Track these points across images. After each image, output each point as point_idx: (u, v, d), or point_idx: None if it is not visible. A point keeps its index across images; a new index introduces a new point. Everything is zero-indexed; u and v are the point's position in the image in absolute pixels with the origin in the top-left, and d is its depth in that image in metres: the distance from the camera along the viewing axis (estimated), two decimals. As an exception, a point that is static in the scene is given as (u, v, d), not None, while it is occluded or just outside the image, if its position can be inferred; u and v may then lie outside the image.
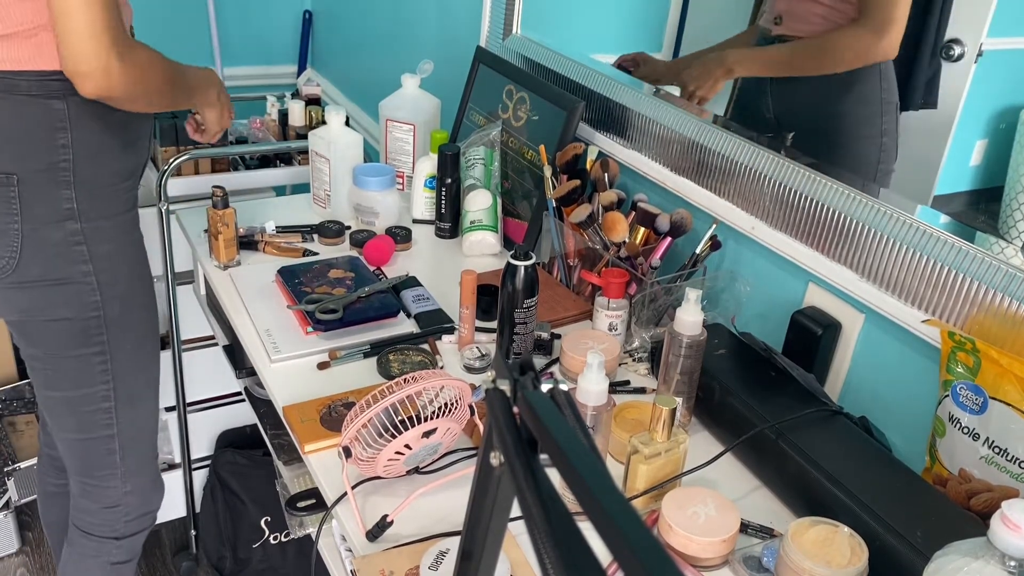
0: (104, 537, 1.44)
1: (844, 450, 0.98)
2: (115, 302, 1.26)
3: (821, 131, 1.25)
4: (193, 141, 1.52)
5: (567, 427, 0.49)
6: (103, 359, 1.29)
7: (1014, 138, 1.06)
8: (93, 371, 1.29)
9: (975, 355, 0.91)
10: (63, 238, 1.20)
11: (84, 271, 1.22)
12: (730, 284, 1.27)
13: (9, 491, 2.04)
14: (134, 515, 1.45)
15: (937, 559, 0.76)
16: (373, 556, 0.93)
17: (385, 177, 1.57)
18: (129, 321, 1.30)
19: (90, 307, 1.24)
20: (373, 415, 0.95)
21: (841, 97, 1.21)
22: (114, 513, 1.43)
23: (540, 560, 0.46)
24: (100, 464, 1.38)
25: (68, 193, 1.18)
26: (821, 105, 1.25)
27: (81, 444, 1.36)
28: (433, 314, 1.34)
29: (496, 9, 1.72)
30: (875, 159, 1.19)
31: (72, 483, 1.43)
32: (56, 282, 1.21)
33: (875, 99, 1.17)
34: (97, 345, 1.27)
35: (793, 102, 1.29)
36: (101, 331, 1.27)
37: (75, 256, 1.21)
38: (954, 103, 1.08)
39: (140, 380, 1.36)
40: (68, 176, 1.17)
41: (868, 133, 1.19)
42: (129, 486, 1.42)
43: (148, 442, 1.44)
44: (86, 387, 1.30)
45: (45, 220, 1.18)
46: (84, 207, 1.20)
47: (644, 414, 1.12)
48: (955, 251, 0.96)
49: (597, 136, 1.50)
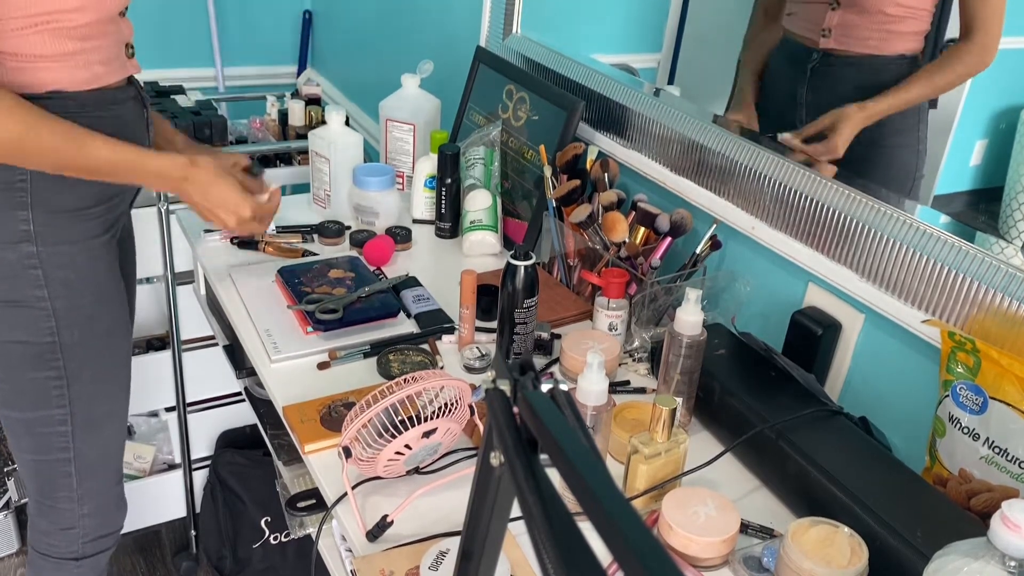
0: (62, 558, 1.39)
1: (844, 450, 0.98)
2: (72, 329, 1.21)
3: (860, 140, 1.19)
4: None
5: (567, 427, 0.49)
6: (59, 383, 1.24)
7: (1014, 138, 1.06)
8: (49, 395, 1.24)
9: (975, 355, 0.91)
10: (17, 260, 1.14)
11: (38, 296, 1.17)
12: (730, 284, 1.27)
13: (9, 491, 2.04)
14: (91, 536, 1.40)
15: (937, 559, 0.76)
16: (373, 556, 0.93)
17: (385, 177, 1.57)
18: (90, 349, 1.24)
19: (44, 332, 1.19)
20: (373, 415, 0.95)
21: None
22: (71, 535, 1.38)
23: (540, 560, 0.46)
24: (56, 486, 1.33)
25: (24, 214, 1.13)
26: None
27: (36, 465, 1.31)
28: (433, 314, 1.34)
29: (496, 9, 1.72)
30: (913, 167, 1.15)
31: (30, 503, 1.38)
32: (9, 303, 1.17)
33: (914, 108, 1.14)
34: (53, 370, 1.22)
35: (833, 106, 1.22)
36: (56, 356, 1.21)
37: (29, 279, 1.16)
38: (954, 103, 1.08)
39: (102, 407, 1.30)
40: (24, 197, 1.12)
41: (907, 142, 1.16)
42: (86, 508, 1.37)
43: (109, 467, 1.38)
44: (42, 410, 1.25)
45: (1, 240, 1.13)
46: (41, 230, 1.14)
47: (644, 414, 1.12)
48: (955, 251, 0.95)
49: (597, 136, 1.50)
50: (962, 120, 1.07)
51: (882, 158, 1.19)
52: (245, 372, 1.65)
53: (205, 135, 1.89)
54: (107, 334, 1.27)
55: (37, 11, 1.05)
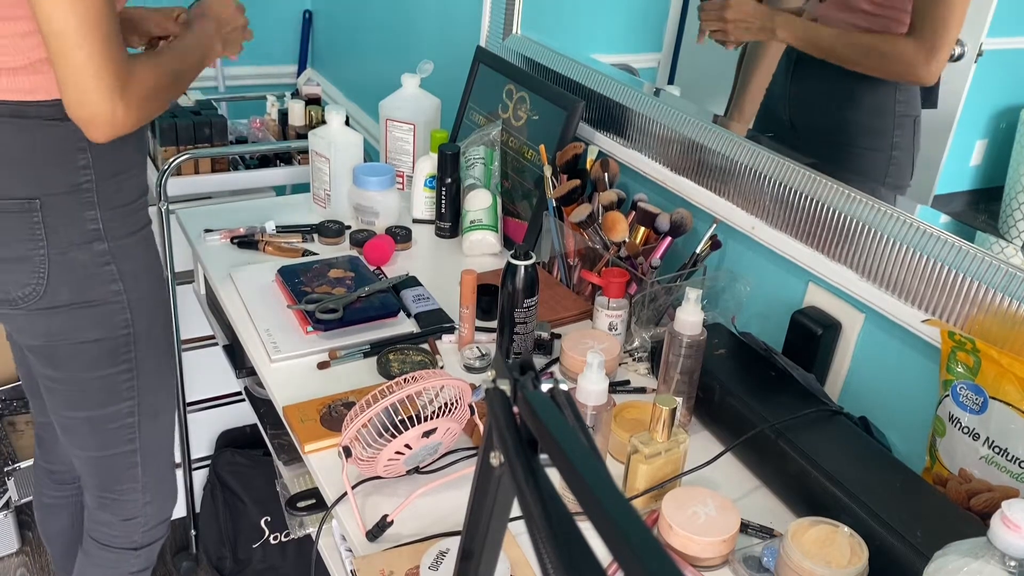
0: (123, 548, 1.43)
1: (844, 450, 0.98)
2: (143, 318, 1.25)
3: (831, 138, 1.22)
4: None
5: (567, 427, 0.49)
6: (129, 376, 1.27)
7: (1014, 138, 1.06)
8: (119, 389, 1.27)
9: (975, 355, 0.91)
10: (91, 259, 1.17)
11: (115, 290, 1.21)
12: (730, 284, 1.27)
13: (9, 491, 2.04)
14: (152, 524, 1.44)
15: (937, 559, 0.76)
16: (373, 556, 0.93)
17: (385, 177, 1.57)
18: (154, 336, 1.29)
19: (120, 325, 1.23)
20: (373, 415, 0.95)
21: (853, 106, 1.19)
22: (133, 525, 1.42)
23: (540, 560, 0.46)
24: (121, 478, 1.36)
25: (93, 214, 1.16)
26: (833, 112, 1.22)
27: (102, 460, 1.34)
28: (433, 314, 1.34)
29: (496, 9, 1.72)
30: (883, 172, 1.16)
31: (88, 497, 1.41)
32: (87, 304, 1.19)
33: (888, 112, 1.14)
34: (125, 363, 1.26)
35: (808, 106, 1.26)
36: (130, 349, 1.25)
37: (105, 276, 1.19)
38: (954, 103, 1.07)
39: (163, 393, 1.35)
40: (92, 196, 1.15)
41: (877, 145, 1.17)
42: (149, 497, 1.41)
43: (168, 452, 1.43)
44: (111, 405, 1.28)
45: (72, 243, 1.15)
46: (109, 226, 1.18)
47: (644, 414, 1.12)
48: (955, 251, 0.95)
49: (597, 136, 1.50)
50: (962, 120, 1.07)
51: (848, 158, 1.20)
52: (245, 372, 1.65)
53: (205, 135, 1.89)
54: (165, 320, 1.32)
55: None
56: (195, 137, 1.88)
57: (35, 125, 1.10)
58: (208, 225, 1.58)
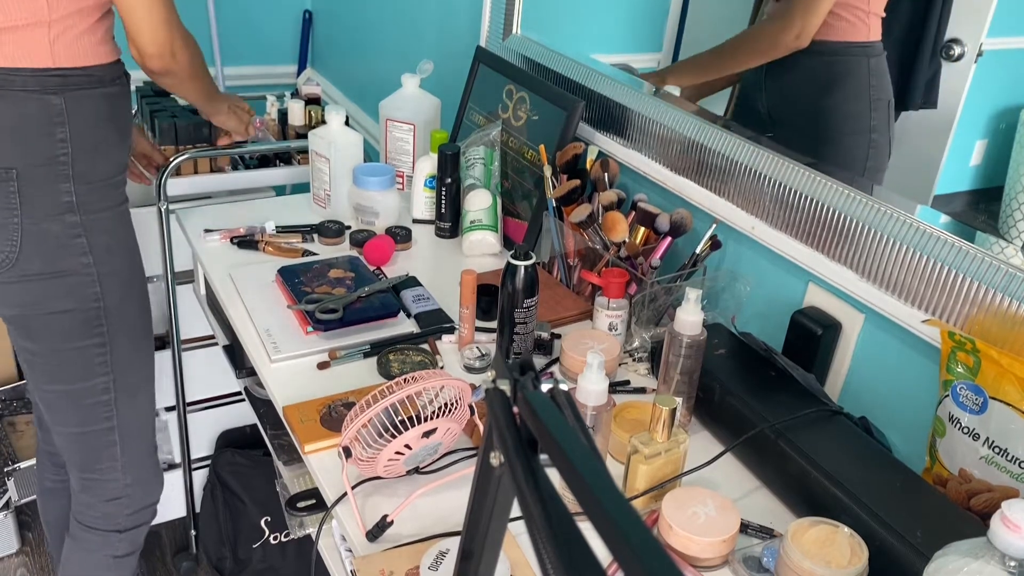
0: (107, 530, 1.46)
1: (844, 450, 0.98)
2: (114, 293, 1.29)
3: (810, 126, 1.25)
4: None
5: (567, 427, 0.49)
6: (103, 351, 1.32)
7: (1014, 138, 1.06)
8: (93, 363, 1.32)
9: (975, 355, 0.91)
10: (63, 231, 1.22)
11: (84, 263, 1.25)
12: (730, 284, 1.27)
13: (9, 491, 2.04)
14: (136, 507, 1.47)
15: (937, 559, 0.76)
16: (373, 556, 0.93)
17: (385, 177, 1.57)
18: (127, 312, 1.33)
19: (90, 298, 1.27)
20: (373, 415, 0.95)
21: (829, 92, 1.22)
22: (116, 506, 1.45)
23: (540, 560, 0.46)
24: (101, 457, 1.40)
25: (67, 186, 1.20)
26: (810, 100, 1.26)
27: (82, 437, 1.38)
28: (433, 314, 1.34)
29: (496, 9, 1.72)
30: (863, 156, 1.19)
31: (72, 478, 1.44)
32: (57, 274, 1.24)
33: (863, 95, 1.17)
34: (97, 336, 1.30)
35: (784, 97, 1.29)
36: (101, 322, 1.29)
37: (76, 248, 1.24)
38: (954, 103, 1.08)
39: (138, 372, 1.39)
40: (67, 170, 1.20)
41: (856, 129, 1.20)
42: (130, 478, 1.44)
43: (147, 434, 1.46)
44: (87, 379, 1.32)
45: (45, 213, 1.20)
46: (83, 200, 1.23)
47: (644, 414, 1.12)
48: (955, 251, 0.95)
49: (597, 136, 1.50)
50: (962, 120, 1.07)
51: (827, 143, 1.23)
52: (245, 372, 1.65)
53: (204, 135, 1.89)
54: (139, 298, 1.37)
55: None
56: (195, 137, 1.88)
57: (19, 97, 1.14)
58: (208, 225, 1.58)
